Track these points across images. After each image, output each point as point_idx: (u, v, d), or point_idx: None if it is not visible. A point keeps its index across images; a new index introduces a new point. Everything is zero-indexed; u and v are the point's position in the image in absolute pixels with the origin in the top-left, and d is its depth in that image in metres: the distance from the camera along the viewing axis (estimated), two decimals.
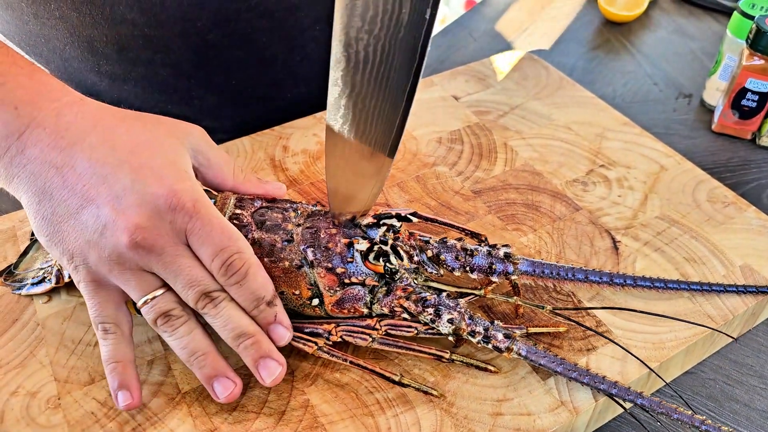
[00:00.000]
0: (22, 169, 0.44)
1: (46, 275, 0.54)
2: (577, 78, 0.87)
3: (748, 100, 0.73)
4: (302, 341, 0.47)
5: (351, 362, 0.47)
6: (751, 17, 0.74)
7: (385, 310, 0.48)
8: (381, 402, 0.47)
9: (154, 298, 0.45)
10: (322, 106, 0.74)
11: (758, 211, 0.62)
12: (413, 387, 0.47)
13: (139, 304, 0.45)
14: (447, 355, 0.48)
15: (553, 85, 0.78)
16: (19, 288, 0.54)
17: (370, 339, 0.47)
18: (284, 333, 0.46)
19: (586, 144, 0.69)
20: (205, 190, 0.50)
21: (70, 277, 0.50)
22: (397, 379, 0.47)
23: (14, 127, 0.44)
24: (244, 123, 0.75)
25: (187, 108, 0.73)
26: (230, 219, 0.50)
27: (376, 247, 0.49)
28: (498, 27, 1.01)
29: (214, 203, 0.50)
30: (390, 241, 0.50)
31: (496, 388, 0.48)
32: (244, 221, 0.49)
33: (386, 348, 0.48)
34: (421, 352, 0.47)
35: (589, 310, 0.52)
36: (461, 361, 0.48)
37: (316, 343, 0.47)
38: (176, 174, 0.45)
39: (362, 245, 0.49)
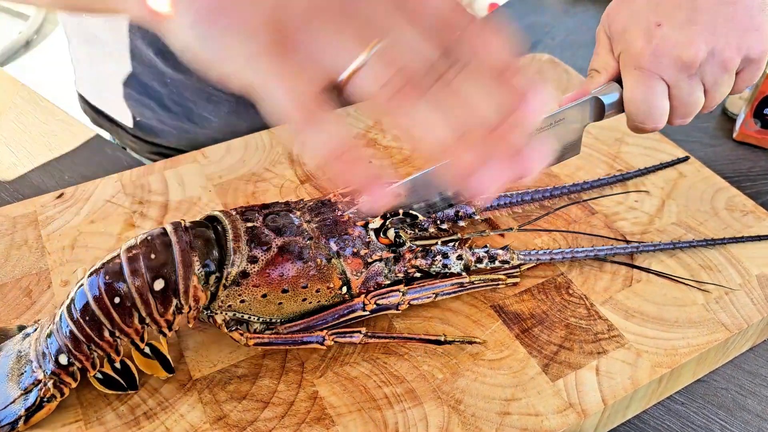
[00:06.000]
0: None
1: (41, 394, 0.44)
2: None
3: None
4: (347, 336, 0.49)
5: (395, 337, 0.50)
6: None
7: (400, 276, 0.52)
8: (389, 396, 0.47)
9: None
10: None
11: None
12: (457, 341, 0.50)
13: None
14: (467, 279, 0.52)
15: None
16: (12, 425, 0.44)
17: (401, 294, 0.50)
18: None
19: (604, 148, 0.69)
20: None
21: (77, 378, 0.46)
22: (442, 339, 0.49)
23: None
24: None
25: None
26: (246, 234, 0.48)
27: (388, 222, 0.53)
28: (520, 30, 1.01)
29: (223, 226, 0.49)
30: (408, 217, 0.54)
31: (505, 387, 0.48)
32: (263, 232, 0.48)
33: (416, 295, 0.51)
34: (444, 286, 0.52)
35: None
36: (480, 281, 0.53)
37: (360, 332, 0.49)
38: None
39: (376, 223, 0.52)
